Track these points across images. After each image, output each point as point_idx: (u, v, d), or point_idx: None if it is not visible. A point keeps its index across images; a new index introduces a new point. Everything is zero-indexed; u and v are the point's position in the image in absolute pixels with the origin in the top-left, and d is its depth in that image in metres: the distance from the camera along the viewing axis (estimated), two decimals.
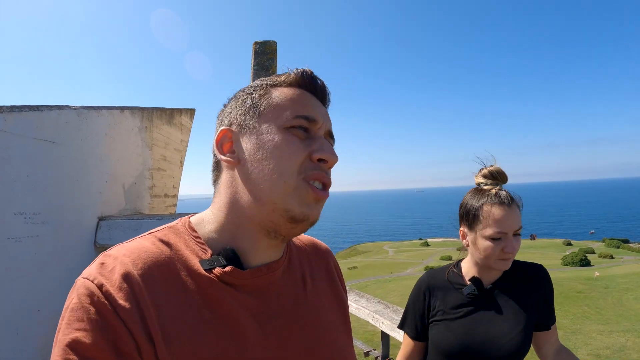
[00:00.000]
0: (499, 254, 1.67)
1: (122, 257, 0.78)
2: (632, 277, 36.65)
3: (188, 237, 0.87)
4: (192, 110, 5.97)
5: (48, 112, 2.69)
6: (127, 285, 0.74)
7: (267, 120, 0.88)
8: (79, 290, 0.74)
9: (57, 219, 2.82)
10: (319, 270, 1.07)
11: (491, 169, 1.80)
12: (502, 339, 1.66)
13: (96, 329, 0.69)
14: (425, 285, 1.86)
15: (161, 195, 5.00)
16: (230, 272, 0.82)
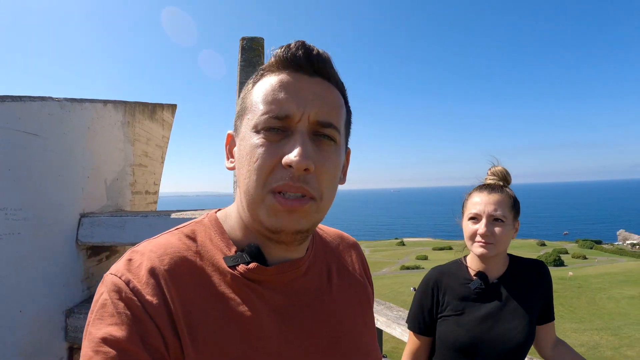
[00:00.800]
0: (474, 235, 1.78)
1: (149, 252, 0.80)
2: (604, 277, 37.53)
3: (214, 233, 0.87)
4: (174, 105, 5.88)
5: (31, 103, 2.57)
6: (153, 280, 0.75)
7: (246, 121, 0.83)
8: (107, 286, 0.75)
9: (38, 216, 2.69)
10: (345, 264, 1.05)
11: (495, 169, 1.94)
12: (511, 333, 1.72)
13: (126, 323, 0.70)
14: (433, 281, 1.90)
15: (142, 192, 4.89)
16: (254, 269, 0.82)
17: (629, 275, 38.86)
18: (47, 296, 2.81)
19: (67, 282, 3.01)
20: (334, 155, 0.82)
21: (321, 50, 0.82)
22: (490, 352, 1.73)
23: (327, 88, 0.82)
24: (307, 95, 0.79)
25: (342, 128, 0.85)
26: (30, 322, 2.61)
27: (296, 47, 0.80)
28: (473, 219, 1.81)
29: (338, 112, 0.83)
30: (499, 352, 1.72)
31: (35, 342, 2.64)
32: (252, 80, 0.86)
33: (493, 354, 1.73)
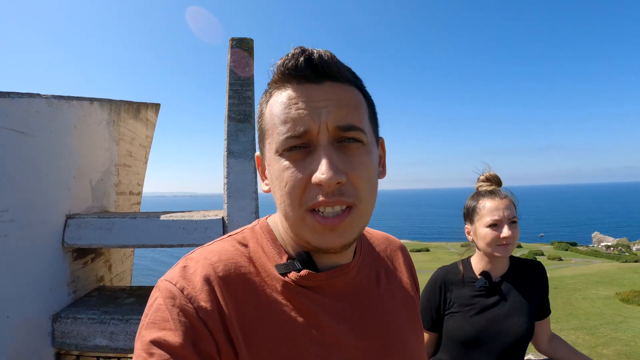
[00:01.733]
0: (497, 240, 1.88)
1: (204, 260, 0.81)
2: (579, 278, 38.15)
3: (265, 241, 0.87)
4: (157, 105, 5.79)
5: (19, 99, 2.47)
6: (208, 287, 0.76)
7: (268, 146, 0.81)
8: (162, 292, 0.76)
9: (25, 217, 2.59)
10: (393, 267, 1.05)
11: (487, 174, 2.08)
12: (513, 327, 1.87)
13: (179, 329, 0.71)
14: (441, 280, 2.03)
15: (126, 192, 4.79)
16: (305, 276, 0.82)
17: (604, 276, 39.54)
18: (34, 301, 2.71)
19: (53, 285, 2.91)
20: (364, 156, 0.77)
21: (322, 51, 0.77)
22: (494, 345, 1.87)
23: (339, 89, 0.78)
24: (319, 104, 0.75)
25: (366, 125, 0.79)
26: (17, 328, 2.51)
27: (295, 57, 0.76)
28: (494, 226, 1.90)
29: (358, 110, 0.78)
30: (503, 345, 1.87)
31: (22, 348, 2.54)
32: (263, 100, 0.83)
33: (497, 346, 1.87)
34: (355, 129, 0.76)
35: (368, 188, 0.78)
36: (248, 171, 3.22)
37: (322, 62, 0.76)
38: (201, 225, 3.13)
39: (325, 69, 0.76)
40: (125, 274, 4.70)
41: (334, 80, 0.77)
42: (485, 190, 2.02)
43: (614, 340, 21.67)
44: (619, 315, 27.36)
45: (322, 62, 0.76)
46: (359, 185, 0.76)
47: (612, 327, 24.15)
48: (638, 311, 28.62)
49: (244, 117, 3.35)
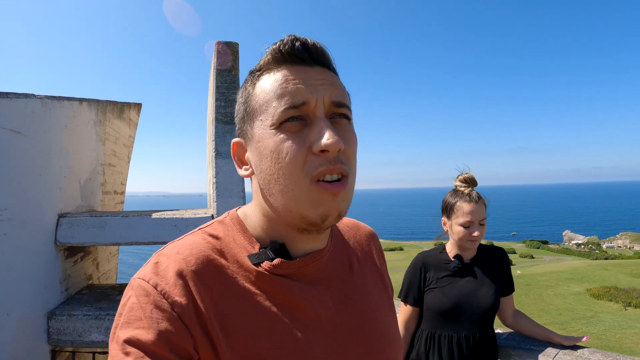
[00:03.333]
0: (468, 237, 2.27)
1: (175, 255, 0.81)
2: (551, 275, 38.86)
3: (236, 232, 0.88)
4: (139, 105, 5.81)
5: (16, 100, 2.50)
6: (181, 282, 0.76)
7: (258, 123, 0.81)
8: (136, 290, 0.76)
9: (21, 216, 2.63)
10: (363, 252, 1.06)
11: (465, 176, 2.39)
12: (482, 299, 2.24)
13: (153, 326, 0.71)
14: (421, 263, 2.40)
15: (111, 191, 4.81)
16: (278, 265, 0.83)
17: (575, 273, 40.37)
18: (30, 298, 2.74)
19: (47, 283, 2.94)
20: (351, 132, 0.83)
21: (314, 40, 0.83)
22: (466, 314, 2.23)
23: (330, 75, 0.83)
24: (315, 82, 0.79)
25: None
26: (15, 325, 2.53)
27: (291, 41, 0.80)
28: (467, 226, 2.27)
29: (344, 93, 0.84)
30: (473, 315, 2.23)
31: (19, 346, 2.57)
32: (249, 83, 0.85)
33: (469, 316, 2.24)
34: (345, 107, 0.82)
35: (355, 162, 0.83)
36: (235, 171, 3.29)
37: (316, 49, 0.82)
38: (192, 223, 3.19)
39: (318, 55, 0.82)
40: (111, 272, 4.72)
41: (324, 66, 0.83)
42: (463, 192, 2.34)
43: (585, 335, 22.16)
44: (590, 310, 28.01)
45: (316, 49, 0.82)
46: (350, 157, 0.81)
47: (583, 321, 24.73)
48: (608, 306, 29.35)
49: (230, 119, 3.42)
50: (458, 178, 2.42)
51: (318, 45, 0.82)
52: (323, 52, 0.83)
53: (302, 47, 0.80)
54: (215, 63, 3.70)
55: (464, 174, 2.41)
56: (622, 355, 2.24)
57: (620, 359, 2.21)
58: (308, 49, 0.81)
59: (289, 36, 0.81)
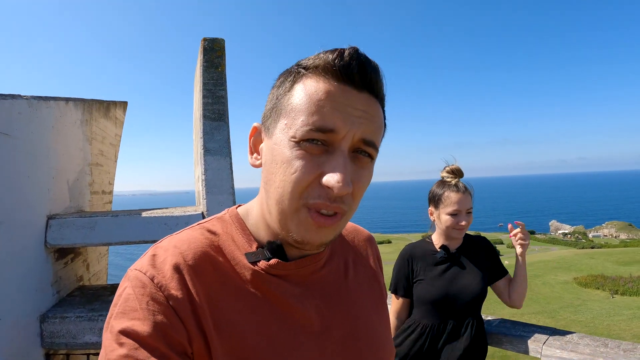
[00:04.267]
0: (454, 225, 2.34)
1: (173, 248, 0.81)
2: (538, 265, 39.28)
3: (235, 229, 0.88)
4: (125, 103, 5.76)
5: (2, 101, 2.47)
6: (178, 275, 0.76)
7: (283, 125, 0.77)
8: (132, 281, 0.76)
9: (10, 218, 2.59)
10: (361, 257, 1.06)
11: (452, 167, 2.46)
12: (469, 287, 2.33)
13: (148, 318, 0.71)
14: (408, 255, 2.49)
15: (99, 191, 4.77)
16: (275, 265, 0.83)
17: (562, 262, 40.85)
18: (22, 302, 2.71)
19: (38, 286, 2.92)
20: (369, 171, 0.80)
21: (373, 62, 0.77)
22: (454, 302, 2.32)
23: (374, 105, 0.77)
24: (354, 112, 0.74)
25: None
26: (8, 330, 2.51)
27: (350, 56, 0.74)
28: (454, 215, 2.35)
29: (380, 131, 0.80)
30: (461, 302, 2.32)
31: (14, 350, 2.55)
32: (289, 78, 0.79)
33: (457, 303, 2.32)
34: (374, 147, 0.77)
35: (359, 200, 0.81)
36: (225, 168, 3.28)
37: (372, 74, 0.75)
38: (182, 221, 3.17)
39: (371, 81, 0.76)
40: (101, 273, 4.69)
41: (372, 94, 0.77)
42: (450, 182, 2.41)
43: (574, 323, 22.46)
44: (578, 298, 28.38)
45: (372, 74, 0.75)
46: (357, 196, 0.79)
47: (571, 310, 25.04)
48: (596, 294, 29.77)
49: (218, 116, 3.40)
50: (445, 169, 2.49)
51: (376, 70, 0.76)
52: (376, 79, 0.77)
53: (358, 68, 0.74)
54: (201, 60, 3.68)
55: (451, 165, 2.49)
56: (609, 340, 2.28)
57: (608, 342, 2.25)
58: (364, 72, 0.75)
59: (349, 49, 0.74)
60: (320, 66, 0.75)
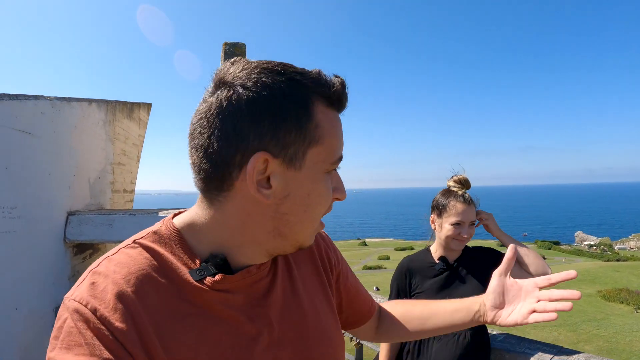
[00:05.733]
0: (455, 236, 2.26)
1: (113, 274, 0.76)
2: None
3: (175, 246, 0.83)
4: (149, 104, 5.87)
5: (26, 101, 2.58)
6: (121, 305, 0.72)
7: (317, 158, 0.79)
8: (72, 315, 0.71)
9: (31, 214, 2.71)
10: (301, 254, 1.05)
11: (460, 177, 2.39)
12: None
13: (96, 353, 0.68)
14: (406, 268, 2.41)
15: (120, 190, 4.88)
16: (220, 280, 0.80)
17: (586, 275, 40.12)
18: (39, 294, 2.82)
19: (56, 280, 3.02)
20: None
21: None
22: None
23: None
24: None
25: None
26: (24, 319, 2.62)
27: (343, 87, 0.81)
28: (457, 225, 2.26)
29: None
30: None
31: (28, 339, 2.65)
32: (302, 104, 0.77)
33: None
34: None
35: None
36: None
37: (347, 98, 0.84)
38: None
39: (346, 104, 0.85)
40: None
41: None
42: (457, 192, 2.34)
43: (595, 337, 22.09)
44: (601, 312, 27.86)
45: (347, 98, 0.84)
46: None
47: (594, 324, 24.61)
48: (619, 308, 29.19)
49: None
50: (452, 178, 2.43)
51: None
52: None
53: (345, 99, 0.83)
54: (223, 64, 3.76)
55: (458, 175, 2.43)
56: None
57: None
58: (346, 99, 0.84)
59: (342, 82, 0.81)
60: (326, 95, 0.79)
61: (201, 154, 0.77)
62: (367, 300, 1.24)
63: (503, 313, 1.13)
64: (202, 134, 0.76)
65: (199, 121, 0.77)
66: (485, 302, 1.18)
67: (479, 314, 1.18)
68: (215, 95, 0.77)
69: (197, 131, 0.77)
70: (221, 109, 0.75)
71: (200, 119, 0.77)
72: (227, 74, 0.78)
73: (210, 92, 0.79)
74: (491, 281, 1.20)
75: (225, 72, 0.78)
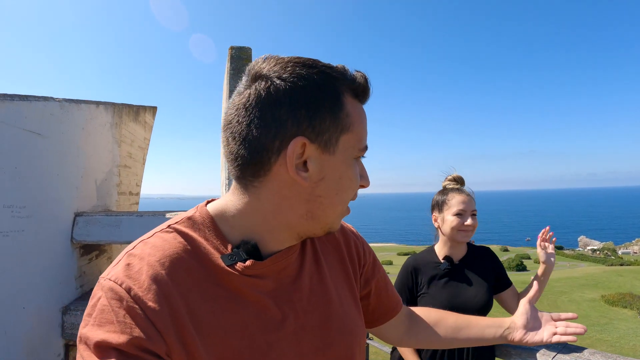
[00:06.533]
0: (460, 226, 2.26)
1: (148, 256, 0.79)
2: (566, 281, 38.51)
3: (208, 231, 0.86)
4: (154, 108, 5.90)
5: (36, 102, 2.61)
6: (155, 286, 0.75)
7: (347, 144, 0.85)
8: (107, 293, 0.74)
9: (39, 213, 2.74)
10: (327, 241, 1.09)
11: (455, 175, 2.46)
12: (474, 299, 2.25)
13: (126, 331, 0.70)
14: (412, 267, 2.38)
15: (126, 192, 4.91)
16: (250, 266, 0.84)
17: (590, 279, 39.99)
18: (46, 293, 2.84)
19: (62, 279, 3.05)
20: None
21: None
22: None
23: None
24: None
25: None
26: (31, 318, 2.64)
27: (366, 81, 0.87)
28: (459, 215, 2.28)
29: None
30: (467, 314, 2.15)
31: (35, 338, 2.68)
32: (338, 85, 0.84)
33: None
34: None
35: None
36: None
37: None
38: None
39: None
40: None
41: None
42: (454, 187, 2.39)
43: (599, 342, 22.00)
44: (604, 317, 27.74)
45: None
46: None
47: (597, 329, 24.50)
48: (623, 313, 29.05)
49: None
50: (447, 178, 2.49)
51: None
52: None
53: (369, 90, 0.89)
54: (229, 67, 3.78)
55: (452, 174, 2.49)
56: (621, 357, 2.25)
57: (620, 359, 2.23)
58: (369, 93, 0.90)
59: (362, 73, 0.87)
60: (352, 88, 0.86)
61: (239, 142, 0.81)
62: (394, 296, 1.28)
63: (530, 333, 1.34)
64: (241, 122, 0.81)
65: (236, 111, 0.82)
66: (517, 321, 1.36)
67: (508, 330, 1.35)
68: (252, 87, 0.82)
69: (235, 120, 0.82)
70: (260, 98, 0.80)
71: (237, 109, 0.82)
72: (262, 68, 0.82)
73: (245, 85, 0.83)
74: (520, 306, 1.41)
75: (260, 67, 0.83)
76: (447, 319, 1.36)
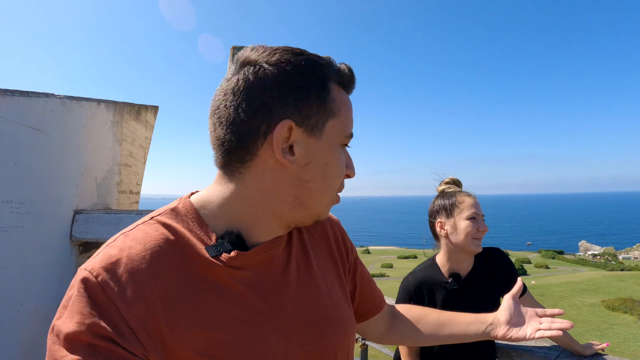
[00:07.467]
0: (474, 233, 2.01)
1: (128, 249, 0.77)
2: (566, 286, 38.47)
3: (191, 222, 0.85)
4: (156, 107, 5.90)
5: (37, 98, 2.61)
6: (132, 281, 0.74)
7: (333, 130, 0.86)
8: (83, 284, 0.73)
9: (38, 210, 2.73)
10: (316, 234, 1.08)
11: (452, 178, 2.26)
12: None
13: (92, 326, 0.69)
14: (413, 287, 2.10)
15: (127, 191, 4.90)
16: (235, 257, 0.82)
17: (590, 284, 39.94)
18: (44, 290, 2.83)
19: (61, 277, 3.03)
20: None
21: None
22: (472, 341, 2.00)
23: None
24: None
25: None
26: (29, 315, 2.63)
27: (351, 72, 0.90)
28: (473, 219, 2.04)
29: None
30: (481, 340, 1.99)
31: (32, 336, 2.66)
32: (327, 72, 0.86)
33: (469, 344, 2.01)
34: None
35: None
36: None
37: None
38: None
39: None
40: None
41: None
42: (454, 191, 2.17)
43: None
44: (605, 322, 27.72)
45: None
46: None
47: (597, 333, 24.48)
48: (623, 318, 29.02)
49: None
50: (444, 181, 2.27)
51: None
52: None
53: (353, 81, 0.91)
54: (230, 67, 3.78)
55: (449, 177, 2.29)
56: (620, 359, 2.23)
57: None
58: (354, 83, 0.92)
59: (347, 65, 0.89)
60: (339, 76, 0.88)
61: (226, 127, 0.82)
62: (378, 292, 1.27)
63: (514, 329, 1.27)
64: (228, 107, 0.81)
65: (224, 96, 0.82)
66: (500, 317, 1.32)
67: (491, 327, 1.31)
68: (241, 72, 0.82)
69: (223, 105, 0.82)
70: (248, 82, 0.80)
71: (225, 94, 0.82)
72: (250, 55, 0.83)
73: (233, 72, 0.84)
74: (504, 301, 1.37)
75: (248, 54, 0.84)
76: (429, 315, 1.35)
